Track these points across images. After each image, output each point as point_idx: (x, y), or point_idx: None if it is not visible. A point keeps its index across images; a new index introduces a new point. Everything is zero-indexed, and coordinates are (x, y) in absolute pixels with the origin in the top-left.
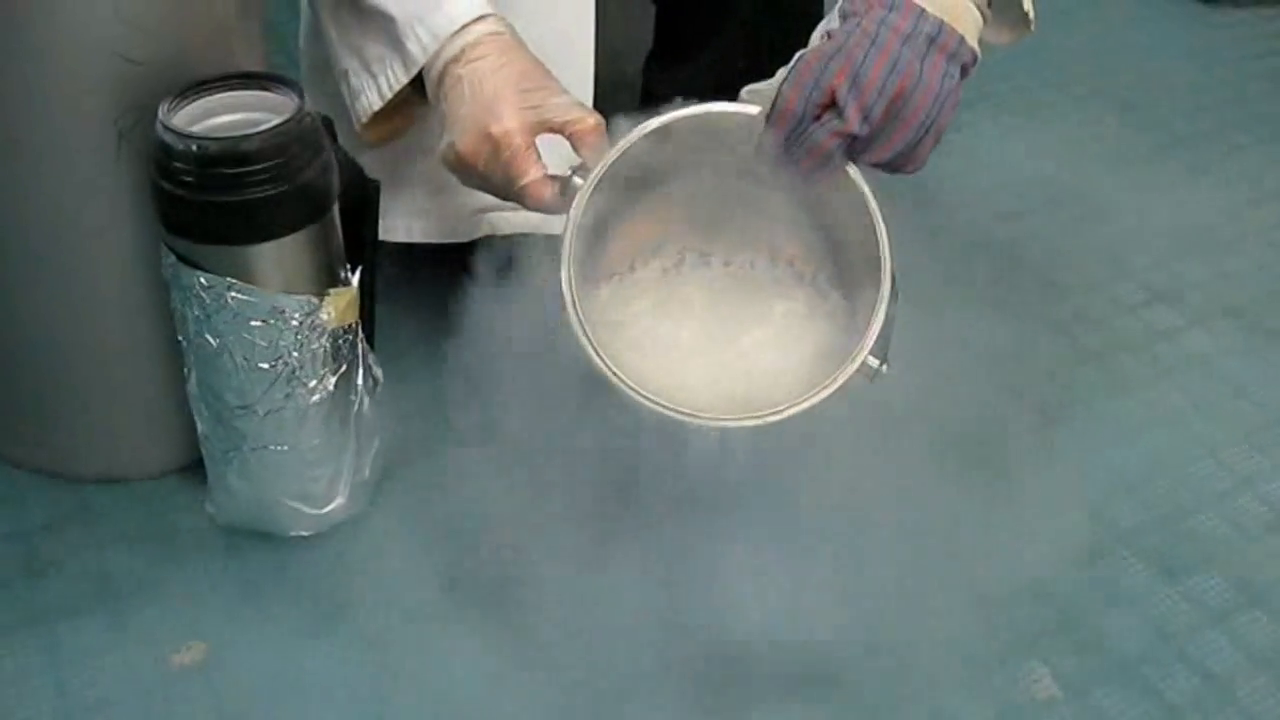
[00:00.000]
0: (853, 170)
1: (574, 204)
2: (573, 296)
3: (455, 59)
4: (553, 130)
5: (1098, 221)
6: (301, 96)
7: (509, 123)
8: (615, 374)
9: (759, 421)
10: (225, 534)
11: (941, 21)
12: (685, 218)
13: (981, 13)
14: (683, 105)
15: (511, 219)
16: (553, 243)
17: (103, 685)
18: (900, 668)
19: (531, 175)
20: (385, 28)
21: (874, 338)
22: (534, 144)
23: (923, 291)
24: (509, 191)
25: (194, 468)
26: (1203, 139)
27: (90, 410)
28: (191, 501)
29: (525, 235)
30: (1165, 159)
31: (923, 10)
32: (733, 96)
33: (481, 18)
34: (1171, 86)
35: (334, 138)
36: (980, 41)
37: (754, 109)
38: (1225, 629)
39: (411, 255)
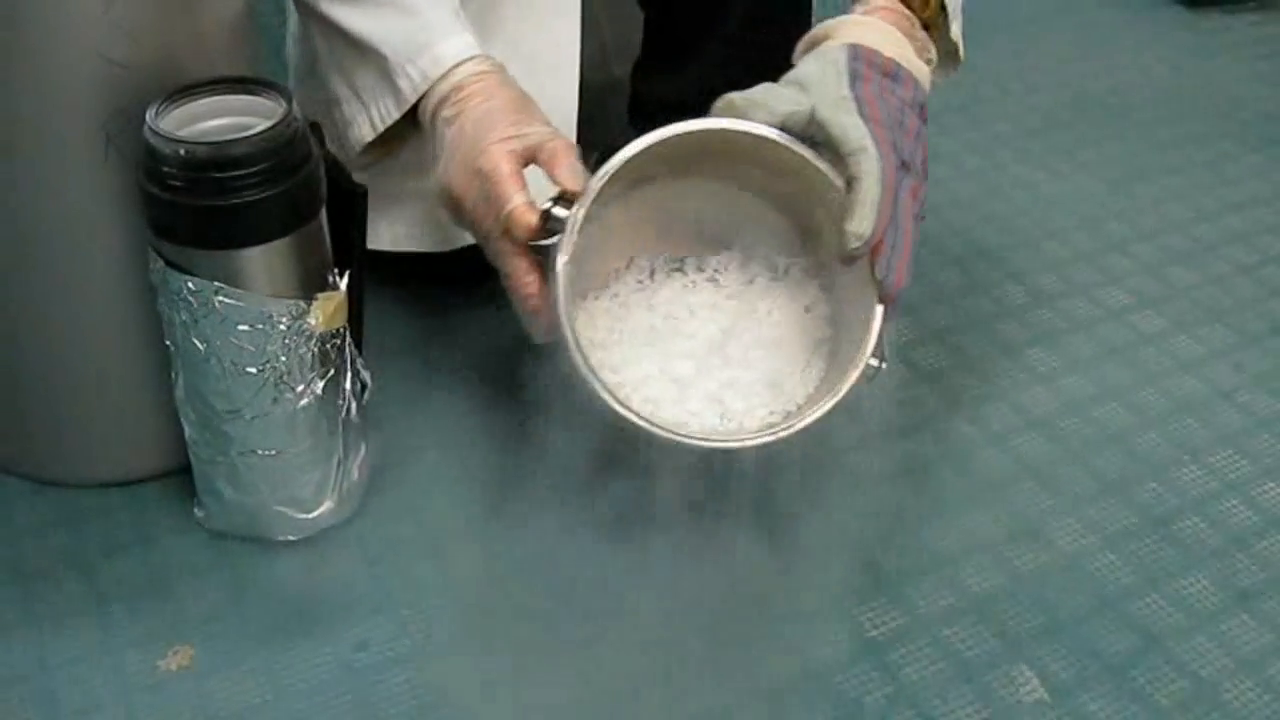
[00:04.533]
0: (823, 166)
1: (565, 235)
2: (574, 337)
3: (444, 99)
4: (534, 157)
5: (1083, 227)
6: (289, 101)
7: (494, 155)
8: (642, 417)
9: (773, 438)
10: (213, 539)
11: (925, 89)
12: (652, 227)
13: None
14: (662, 124)
15: None
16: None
17: (90, 690)
18: (888, 671)
19: (515, 201)
20: (376, 63)
21: (873, 342)
22: (519, 173)
23: (905, 298)
24: (496, 226)
25: (181, 473)
26: (1187, 145)
27: (77, 415)
28: (179, 506)
29: None
30: (1150, 165)
31: (916, 80)
32: None
33: (468, 59)
34: (1155, 92)
35: (322, 142)
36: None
37: (749, 125)
38: (1213, 633)
39: (400, 260)
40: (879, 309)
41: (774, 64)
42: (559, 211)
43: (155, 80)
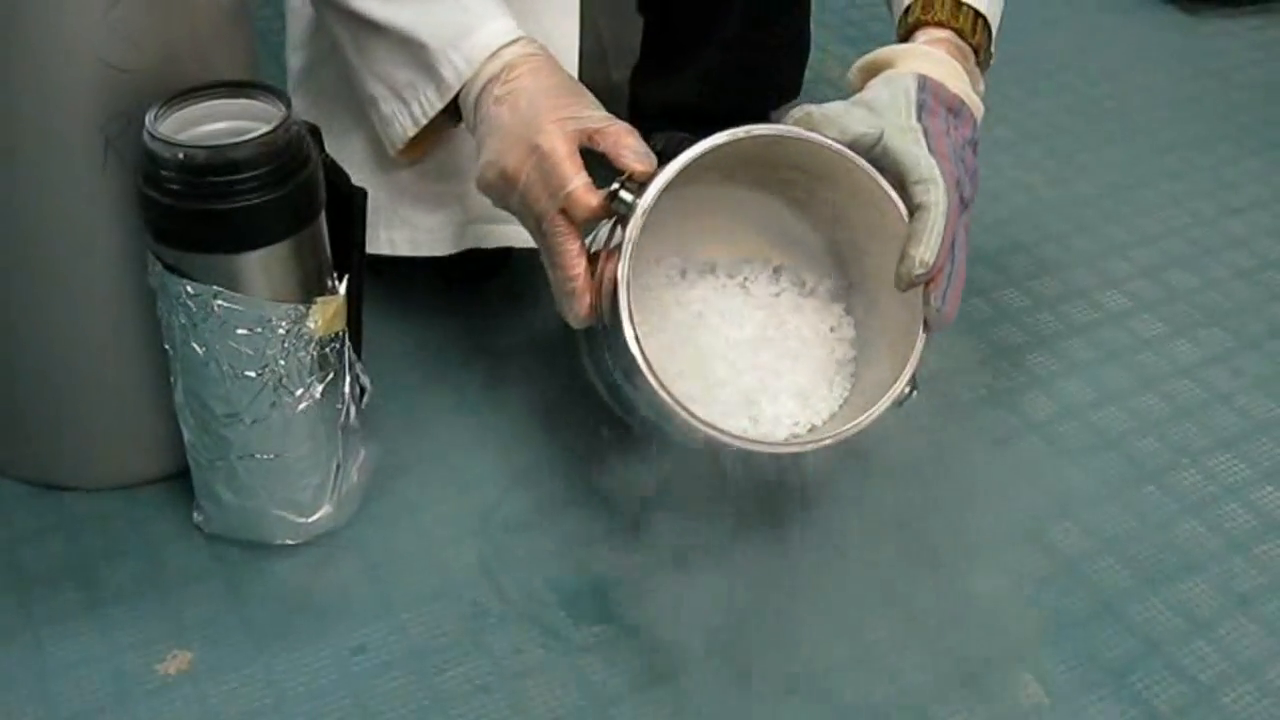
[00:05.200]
0: (893, 193)
1: (631, 222)
2: (635, 334)
3: (494, 79)
4: (591, 140)
5: (1081, 231)
6: (288, 105)
7: (552, 134)
8: (715, 427)
9: (803, 449)
10: (211, 543)
11: (979, 126)
12: (693, 226)
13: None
14: (744, 126)
15: (495, 233)
16: (526, 264)
17: (89, 694)
18: (887, 674)
19: (576, 182)
20: (416, 54)
21: (914, 367)
22: (577, 153)
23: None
24: (551, 205)
25: (180, 477)
26: (1186, 149)
27: (76, 419)
28: (178, 510)
29: (510, 249)
30: (1149, 168)
31: (975, 119)
32: (719, 106)
33: (515, 40)
34: (1155, 95)
35: (320, 146)
36: None
37: (823, 139)
38: (1212, 637)
39: (399, 263)
40: (923, 336)
41: (771, 68)
42: (625, 195)
43: (155, 84)
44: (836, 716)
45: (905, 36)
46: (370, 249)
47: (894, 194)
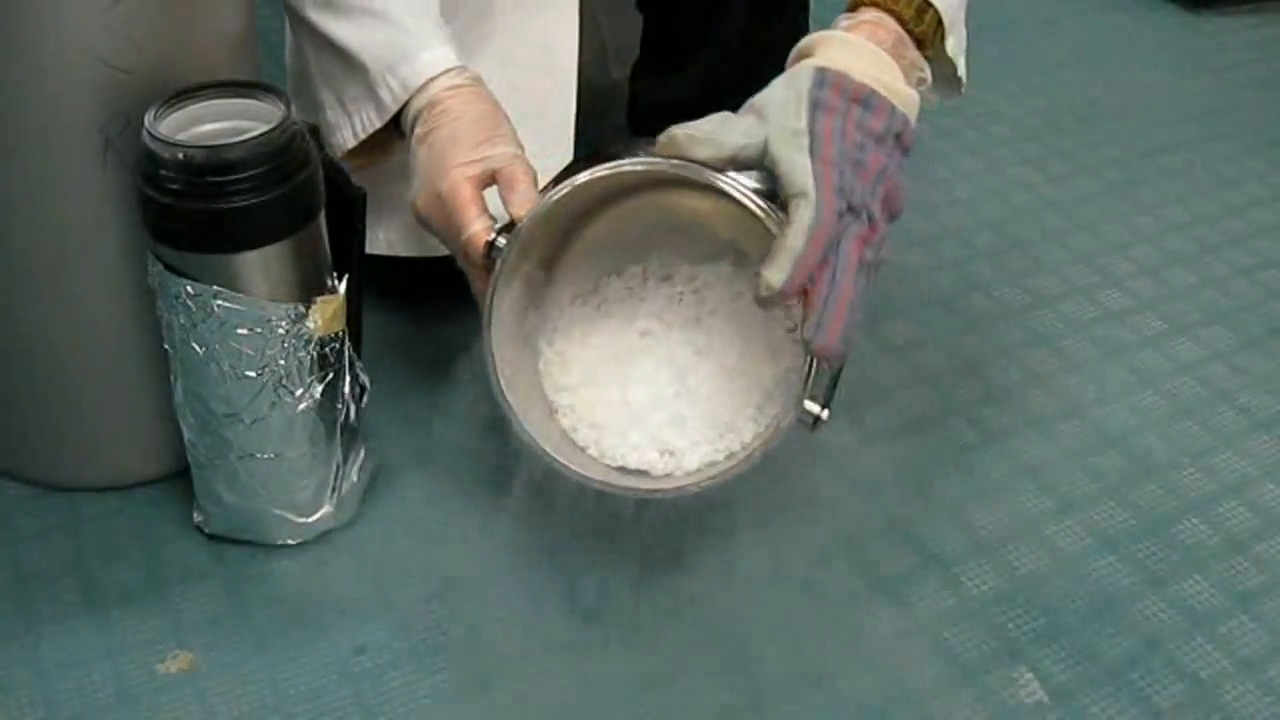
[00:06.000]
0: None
1: (495, 274)
2: (495, 369)
3: (419, 116)
4: (494, 179)
5: (1081, 229)
6: (288, 105)
7: (454, 178)
8: (555, 459)
9: (698, 483)
10: (211, 543)
11: (905, 117)
12: (646, 236)
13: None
14: (617, 155)
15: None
16: None
17: (89, 694)
18: (888, 672)
19: (472, 229)
20: (358, 73)
21: (801, 390)
22: (478, 198)
23: (903, 297)
24: (456, 248)
25: (180, 476)
26: (1186, 147)
27: (76, 419)
28: (178, 510)
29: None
30: (1150, 166)
31: (892, 108)
32: (719, 106)
33: (447, 71)
34: (1155, 94)
35: (320, 146)
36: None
37: (689, 167)
38: (1212, 635)
39: (398, 263)
40: (809, 359)
41: (771, 67)
42: (500, 242)
43: (155, 84)
44: (837, 715)
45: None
46: (369, 249)
47: (759, 210)
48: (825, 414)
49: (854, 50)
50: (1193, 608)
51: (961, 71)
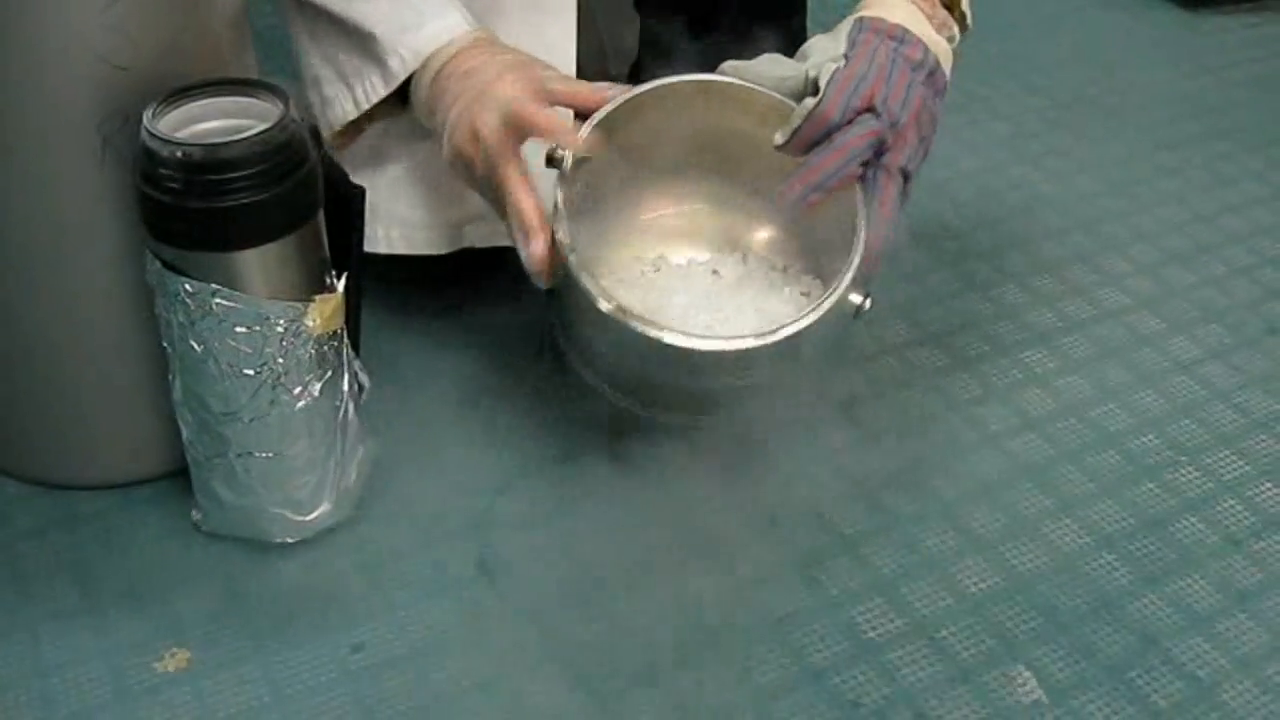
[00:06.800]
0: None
1: (582, 131)
2: (569, 237)
3: (448, 64)
4: (555, 99)
5: (1079, 227)
6: (287, 103)
7: (516, 85)
8: (625, 310)
9: (759, 342)
10: (210, 541)
11: (937, 60)
12: (654, 229)
13: (952, 46)
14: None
15: (489, 233)
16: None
17: (87, 693)
18: (885, 672)
19: (537, 111)
20: (365, 44)
21: (855, 267)
22: (543, 101)
23: (902, 296)
24: (509, 144)
25: (178, 475)
26: (1184, 146)
27: (73, 417)
28: (176, 508)
29: (504, 249)
30: (1147, 166)
31: (926, 46)
32: None
33: (465, 31)
34: (1154, 93)
35: (319, 144)
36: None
37: (729, 78)
38: (1210, 634)
39: (397, 261)
40: (860, 244)
41: None
42: (559, 153)
43: (153, 82)
44: (835, 713)
45: None
46: (367, 247)
47: (775, 99)
48: (868, 303)
49: (889, 7)
50: (1191, 607)
51: (970, 19)
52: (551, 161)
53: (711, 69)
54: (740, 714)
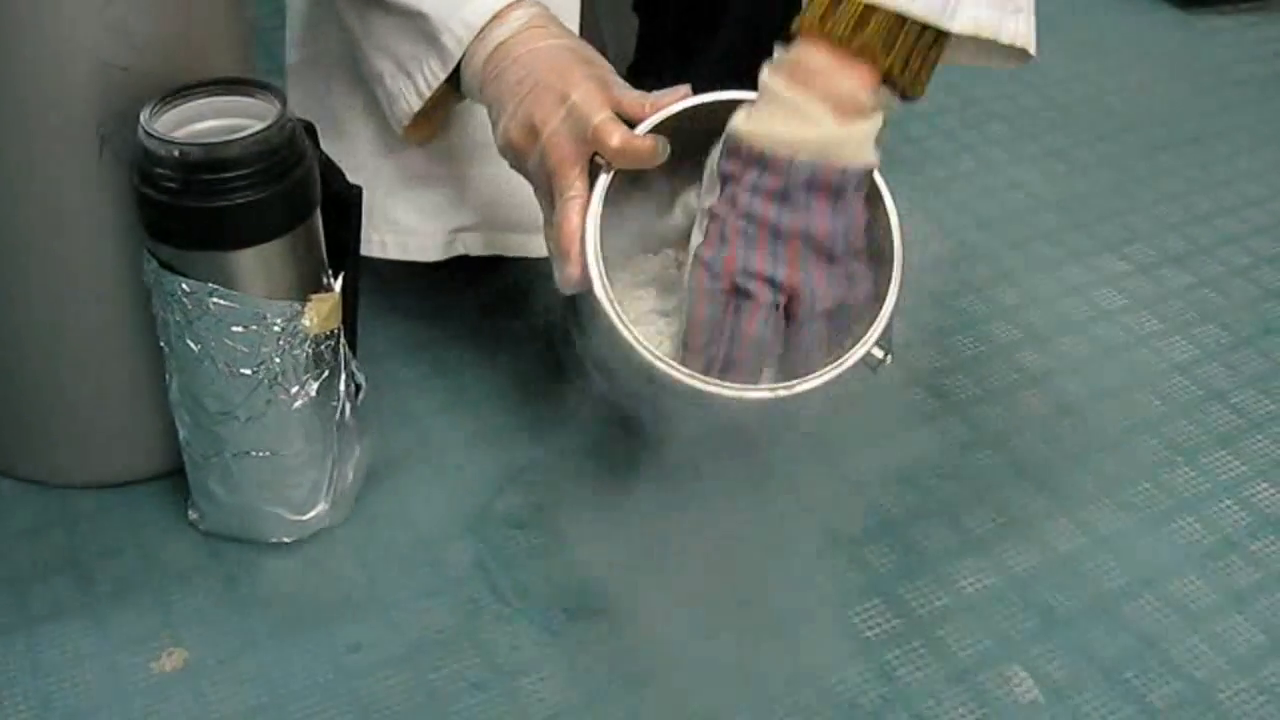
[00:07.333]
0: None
1: (642, 127)
2: (598, 262)
3: (506, 42)
4: (622, 109)
5: (1077, 227)
6: (284, 102)
7: (584, 84)
8: (660, 357)
9: (773, 395)
10: (206, 540)
11: (813, 164)
12: (670, 224)
13: (892, 94)
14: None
15: (483, 242)
16: (521, 264)
17: (84, 693)
18: (882, 671)
19: (603, 115)
20: (418, 25)
21: (884, 323)
22: (623, 127)
23: (899, 296)
24: (575, 148)
25: (175, 474)
26: (1181, 146)
27: (71, 416)
28: (173, 508)
29: (501, 257)
30: (1146, 165)
31: (791, 160)
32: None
33: (517, 3)
34: (1151, 92)
35: (316, 143)
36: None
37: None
38: (1207, 634)
39: (394, 262)
40: (890, 302)
41: None
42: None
43: (151, 82)
44: (833, 712)
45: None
46: (362, 250)
47: None
48: (889, 359)
49: (767, 104)
50: (1187, 607)
51: (1008, 39)
52: (594, 168)
53: (712, 69)
54: (738, 713)
